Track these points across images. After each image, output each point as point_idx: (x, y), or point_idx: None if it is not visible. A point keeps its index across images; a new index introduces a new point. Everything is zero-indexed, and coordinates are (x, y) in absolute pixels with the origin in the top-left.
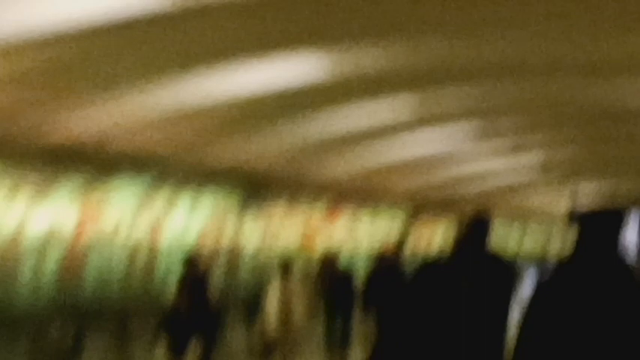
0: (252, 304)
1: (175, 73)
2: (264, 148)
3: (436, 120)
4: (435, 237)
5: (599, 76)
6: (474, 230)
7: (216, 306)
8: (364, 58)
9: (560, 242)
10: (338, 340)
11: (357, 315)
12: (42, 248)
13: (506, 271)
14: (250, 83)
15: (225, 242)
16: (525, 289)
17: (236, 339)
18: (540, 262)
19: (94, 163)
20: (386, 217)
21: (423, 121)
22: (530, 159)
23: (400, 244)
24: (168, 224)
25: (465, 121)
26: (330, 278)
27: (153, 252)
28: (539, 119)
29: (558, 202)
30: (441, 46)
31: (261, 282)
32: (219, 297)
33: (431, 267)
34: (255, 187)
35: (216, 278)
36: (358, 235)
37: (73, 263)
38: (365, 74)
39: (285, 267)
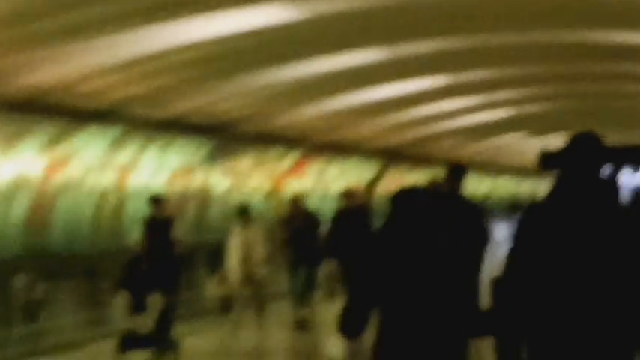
0: (219, 254)
1: (141, 23)
2: (230, 97)
3: (406, 71)
4: (407, 183)
5: (571, 28)
6: (452, 175)
7: (180, 253)
8: (333, 5)
9: (531, 190)
10: (303, 287)
11: (323, 261)
12: (9, 195)
13: (478, 212)
14: (217, 32)
15: (193, 190)
16: (498, 233)
17: (201, 289)
18: (513, 205)
19: (62, 113)
20: (357, 168)
21: (392, 72)
22: (501, 114)
23: (370, 188)
24: (135, 173)
25: (434, 73)
26: (296, 223)
27: (121, 199)
28: (510, 73)
29: (529, 150)
30: None
31: (228, 231)
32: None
33: (409, 199)
34: (223, 138)
35: (184, 226)
36: (328, 185)
37: (40, 210)
38: (333, 23)
39: (244, 214)
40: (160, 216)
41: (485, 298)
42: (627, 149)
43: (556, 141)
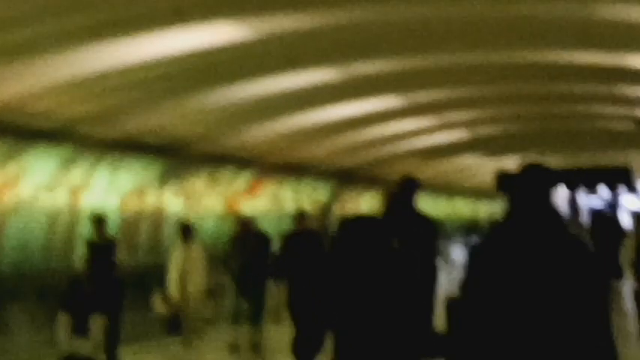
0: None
1: (91, 41)
2: (182, 117)
3: (359, 91)
4: (361, 208)
5: (524, 37)
6: (403, 190)
7: (122, 275)
8: (284, 25)
9: (488, 212)
10: (250, 311)
11: (271, 284)
12: None
13: (432, 228)
14: (168, 51)
15: (147, 211)
16: (456, 254)
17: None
18: (469, 230)
19: (10, 132)
20: (311, 189)
21: (345, 87)
22: (456, 135)
23: (325, 210)
24: (87, 193)
25: (389, 87)
26: (245, 244)
27: (72, 220)
28: (466, 94)
29: (485, 174)
30: (362, 15)
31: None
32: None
33: (358, 224)
34: (176, 158)
35: (137, 246)
36: (283, 206)
37: None
38: (285, 41)
39: (185, 232)
40: (102, 237)
41: (441, 319)
42: (581, 172)
43: (513, 162)
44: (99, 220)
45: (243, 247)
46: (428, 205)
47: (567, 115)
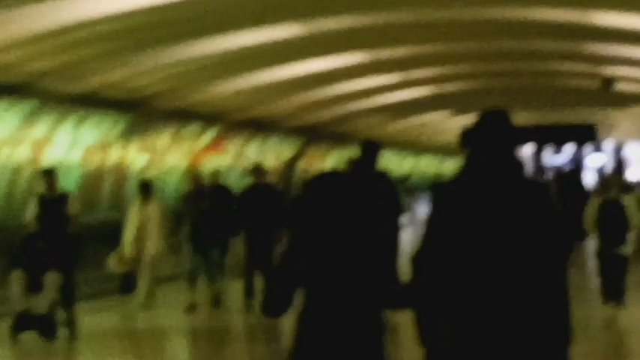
0: None
1: None
2: (147, 72)
3: (323, 42)
4: (325, 165)
5: (490, 5)
6: (366, 152)
7: (76, 230)
8: None
9: (453, 169)
10: (206, 268)
11: (230, 239)
12: None
13: (393, 187)
14: (132, 4)
15: (110, 167)
16: (420, 207)
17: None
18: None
19: None
20: (277, 146)
21: (310, 43)
22: (421, 92)
23: (289, 166)
24: (51, 148)
25: (353, 43)
26: (202, 200)
27: (35, 174)
28: (430, 51)
29: (450, 131)
30: None
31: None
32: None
33: (323, 181)
34: (140, 113)
35: (100, 201)
36: (248, 163)
37: None
38: None
39: (145, 189)
40: (54, 191)
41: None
42: (546, 128)
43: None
44: (50, 174)
45: (197, 204)
46: (393, 162)
47: (533, 72)
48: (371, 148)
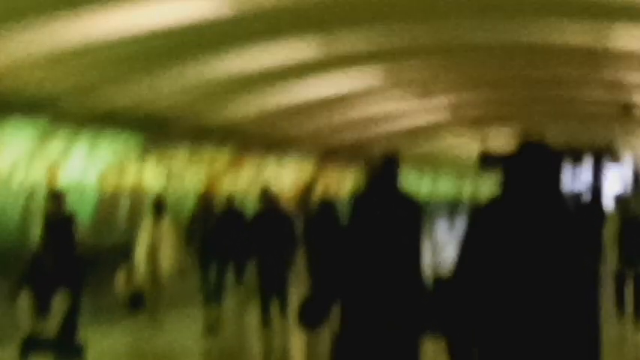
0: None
1: (73, 10)
2: (164, 89)
3: (342, 62)
4: (344, 183)
5: (510, 16)
6: (384, 168)
7: (85, 251)
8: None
9: (472, 186)
10: (214, 286)
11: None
12: None
13: (414, 208)
14: (149, 21)
15: (126, 185)
16: (439, 231)
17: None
18: (453, 206)
19: None
20: (294, 164)
21: (328, 62)
22: (439, 102)
23: (306, 189)
24: (65, 167)
25: (372, 64)
26: (205, 222)
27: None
28: (449, 62)
29: (469, 146)
30: None
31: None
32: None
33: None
34: (156, 131)
35: (119, 221)
36: (264, 181)
37: None
38: (267, 13)
39: (158, 208)
40: (60, 213)
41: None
42: (565, 153)
43: (496, 142)
44: (56, 196)
45: (205, 225)
46: (411, 184)
47: (551, 97)
48: (391, 164)
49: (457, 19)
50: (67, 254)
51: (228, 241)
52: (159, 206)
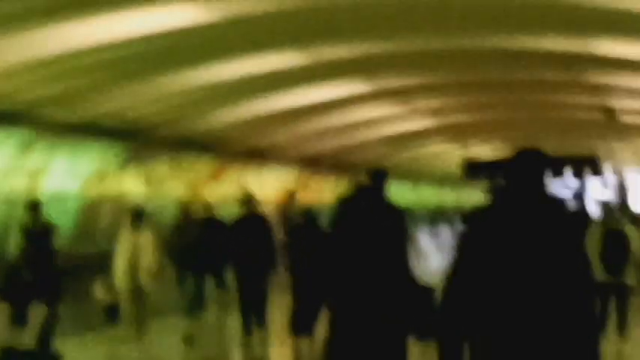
0: None
1: (51, 22)
2: (145, 97)
3: (324, 70)
4: (327, 190)
5: (493, 22)
6: (373, 180)
7: (65, 260)
8: (248, 6)
9: (455, 196)
10: (196, 300)
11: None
12: None
13: (399, 216)
14: (129, 29)
15: (107, 197)
16: (422, 240)
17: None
18: (436, 216)
19: None
20: (276, 172)
21: (310, 71)
22: (422, 109)
23: (289, 197)
24: (47, 177)
25: (354, 71)
26: (185, 231)
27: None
28: (431, 68)
29: (452, 153)
30: None
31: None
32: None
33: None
34: (138, 140)
35: (101, 230)
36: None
37: None
38: (249, 21)
39: (137, 218)
40: (38, 223)
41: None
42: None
43: (480, 150)
44: (34, 206)
45: (185, 235)
46: (394, 192)
47: (535, 102)
48: (379, 176)
49: (440, 27)
50: (44, 265)
51: (208, 249)
52: (137, 216)
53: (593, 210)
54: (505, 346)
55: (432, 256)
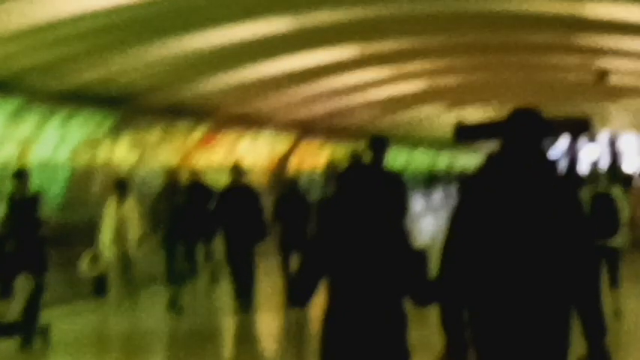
0: None
1: None
2: (136, 65)
3: (315, 35)
4: (320, 155)
5: None
6: (372, 148)
7: (47, 232)
8: None
9: (447, 163)
10: (181, 265)
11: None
12: None
13: (397, 182)
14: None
15: (98, 164)
16: (415, 202)
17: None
18: (429, 179)
19: None
20: (269, 138)
21: (301, 36)
22: (413, 85)
23: (280, 163)
24: (37, 145)
25: (346, 36)
26: (172, 198)
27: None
28: (423, 44)
29: (444, 122)
30: None
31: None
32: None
33: (352, 174)
34: (129, 107)
35: (91, 199)
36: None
37: None
38: None
39: (121, 188)
40: (25, 192)
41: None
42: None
43: (472, 113)
44: (21, 175)
45: (171, 201)
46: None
47: (526, 65)
48: (379, 143)
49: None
50: (30, 235)
51: (194, 216)
52: (122, 186)
53: (584, 172)
54: (505, 309)
55: (424, 219)
